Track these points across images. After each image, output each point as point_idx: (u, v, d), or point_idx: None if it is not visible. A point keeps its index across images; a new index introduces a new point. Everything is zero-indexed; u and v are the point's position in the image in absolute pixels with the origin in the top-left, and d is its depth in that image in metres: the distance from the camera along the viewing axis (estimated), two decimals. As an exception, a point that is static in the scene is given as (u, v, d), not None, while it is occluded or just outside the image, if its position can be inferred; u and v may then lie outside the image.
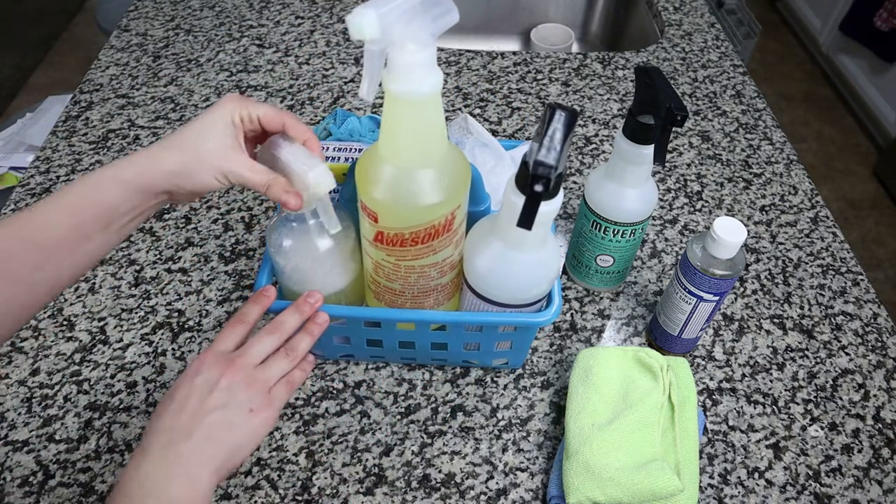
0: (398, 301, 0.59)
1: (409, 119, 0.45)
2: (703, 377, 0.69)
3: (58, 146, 0.91)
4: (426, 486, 0.60)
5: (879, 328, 0.74)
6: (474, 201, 0.60)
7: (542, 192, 0.42)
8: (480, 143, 0.76)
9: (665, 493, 0.54)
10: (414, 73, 0.42)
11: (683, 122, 0.54)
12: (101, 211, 0.45)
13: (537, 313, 0.58)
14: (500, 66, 1.07)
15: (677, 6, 1.24)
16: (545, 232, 0.53)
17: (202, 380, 0.44)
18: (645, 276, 0.78)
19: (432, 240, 0.53)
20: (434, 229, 0.52)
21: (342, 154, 0.64)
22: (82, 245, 0.45)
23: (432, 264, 0.55)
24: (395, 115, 0.46)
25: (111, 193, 0.45)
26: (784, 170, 0.93)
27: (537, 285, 0.55)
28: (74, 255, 0.45)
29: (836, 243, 0.83)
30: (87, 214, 0.44)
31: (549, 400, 0.66)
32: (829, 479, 0.62)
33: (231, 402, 0.43)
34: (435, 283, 0.58)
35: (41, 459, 0.60)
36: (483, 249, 0.54)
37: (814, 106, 2.54)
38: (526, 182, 0.44)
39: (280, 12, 1.16)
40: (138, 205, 0.46)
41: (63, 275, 0.45)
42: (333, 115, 0.76)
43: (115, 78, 1.02)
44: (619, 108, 1.01)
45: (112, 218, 0.45)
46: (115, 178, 0.45)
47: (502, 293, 0.56)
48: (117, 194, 0.45)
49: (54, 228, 0.44)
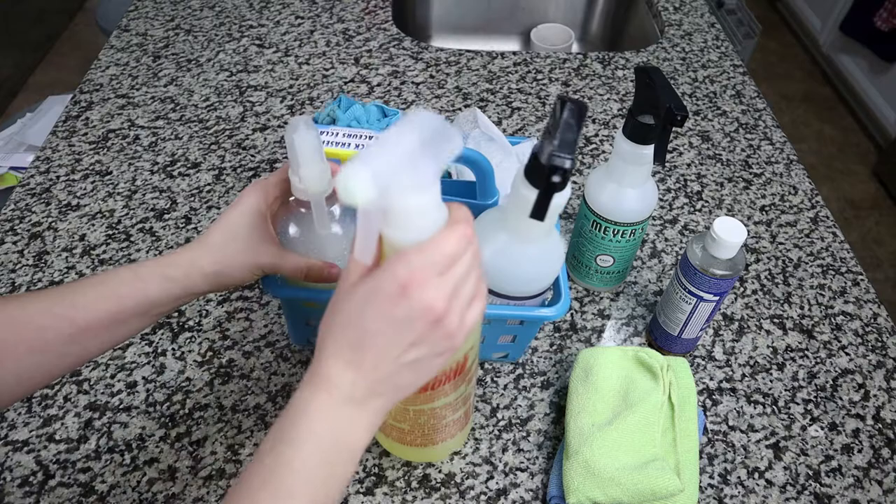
0: (407, 439, 0.54)
1: None
2: (703, 377, 0.69)
3: (58, 146, 0.91)
4: (426, 486, 0.60)
5: (879, 328, 0.74)
6: (484, 195, 0.61)
7: (559, 183, 0.43)
8: (487, 137, 0.76)
9: (665, 493, 0.54)
10: (416, 220, 0.35)
11: (683, 122, 0.54)
12: (142, 302, 0.46)
13: (548, 307, 0.58)
14: (500, 66, 1.07)
15: (677, 6, 1.24)
16: (552, 224, 0.53)
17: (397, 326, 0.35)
18: (645, 276, 0.78)
19: (442, 385, 0.47)
20: (445, 376, 0.46)
21: (352, 140, 0.63)
22: (118, 329, 0.46)
23: (444, 405, 0.50)
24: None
25: (156, 289, 0.46)
26: (784, 170, 0.93)
27: (543, 277, 0.56)
28: (110, 336, 0.46)
29: (836, 243, 0.83)
30: (129, 304, 0.45)
31: (549, 400, 0.66)
32: (829, 479, 0.62)
33: (426, 357, 0.37)
34: (447, 420, 0.52)
35: (41, 459, 0.60)
36: (489, 243, 0.54)
37: (814, 106, 2.54)
38: (539, 175, 0.45)
39: (280, 12, 1.16)
40: (179, 298, 0.47)
41: (93, 349, 0.46)
42: (338, 101, 0.75)
43: (115, 78, 1.02)
44: (619, 108, 1.01)
45: (152, 308, 0.47)
46: (162, 276, 0.46)
47: (508, 286, 0.56)
48: (162, 290, 0.46)
49: (93, 312, 0.45)
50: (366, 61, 1.06)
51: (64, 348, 0.44)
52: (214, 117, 0.96)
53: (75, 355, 0.45)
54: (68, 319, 0.44)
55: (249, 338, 0.70)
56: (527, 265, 0.54)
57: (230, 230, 0.47)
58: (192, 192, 0.85)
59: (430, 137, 0.33)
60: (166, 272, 0.46)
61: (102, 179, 0.86)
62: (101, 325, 0.45)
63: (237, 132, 0.93)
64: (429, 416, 0.50)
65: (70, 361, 0.45)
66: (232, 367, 0.68)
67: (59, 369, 0.45)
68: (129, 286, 0.46)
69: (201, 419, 0.63)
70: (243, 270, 0.48)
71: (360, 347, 0.35)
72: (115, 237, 0.79)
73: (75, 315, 0.44)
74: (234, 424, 0.63)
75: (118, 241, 0.79)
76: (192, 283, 0.47)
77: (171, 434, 0.62)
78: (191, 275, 0.47)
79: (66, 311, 0.44)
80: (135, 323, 0.47)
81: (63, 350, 0.44)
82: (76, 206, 0.83)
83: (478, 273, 0.38)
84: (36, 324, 0.43)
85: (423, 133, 0.33)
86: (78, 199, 0.84)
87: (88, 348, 0.46)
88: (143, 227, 0.81)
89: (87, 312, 0.44)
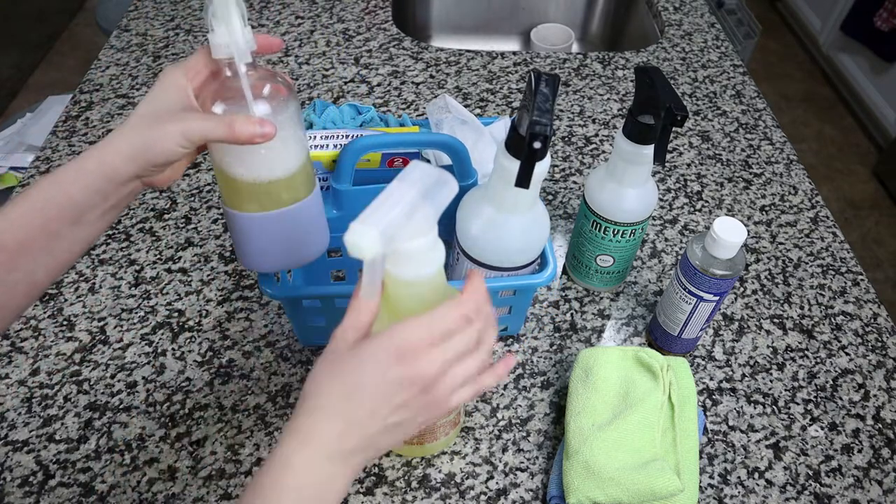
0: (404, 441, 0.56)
1: (418, 293, 0.42)
2: (703, 377, 0.69)
3: (58, 146, 0.91)
4: (426, 486, 0.60)
5: (879, 328, 0.74)
6: (462, 176, 0.64)
7: (540, 148, 0.46)
8: (460, 120, 0.77)
9: (665, 493, 0.54)
10: (418, 259, 0.39)
11: (683, 122, 0.54)
12: (66, 206, 0.42)
13: (536, 274, 0.61)
14: (500, 66, 1.07)
15: (677, 6, 1.24)
16: (535, 194, 0.56)
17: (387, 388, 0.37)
18: (645, 276, 0.78)
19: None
20: None
21: (329, 142, 0.65)
22: (53, 243, 0.43)
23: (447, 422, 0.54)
24: (399, 292, 0.42)
25: (75, 187, 0.42)
26: (784, 170, 0.93)
27: (530, 247, 0.59)
28: (48, 255, 0.43)
29: (836, 243, 0.83)
30: (53, 212, 0.42)
31: (549, 400, 0.66)
32: (829, 479, 0.62)
33: (409, 420, 0.38)
34: (442, 421, 0.56)
35: (41, 459, 0.60)
36: (476, 217, 0.58)
37: (814, 106, 2.54)
38: (520, 145, 0.48)
39: (280, 12, 1.16)
40: (108, 195, 0.44)
41: (39, 275, 0.43)
42: (312, 106, 0.76)
43: (115, 78, 1.02)
44: (619, 108, 1.01)
45: (80, 212, 0.43)
46: (78, 171, 0.43)
47: (498, 256, 0.59)
48: (81, 187, 0.42)
49: (20, 229, 0.42)
50: (366, 61, 1.06)
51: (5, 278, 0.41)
52: (214, 117, 0.96)
53: (23, 283, 0.42)
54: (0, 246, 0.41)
55: (249, 338, 0.70)
56: (515, 235, 0.58)
57: (150, 105, 0.44)
58: (192, 192, 0.85)
59: (429, 188, 0.37)
60: (81, 166, 0.42)
61: (102, 179, 0.86)
62: (34, 244, 0.42)
63: (237, 132, 0.93)
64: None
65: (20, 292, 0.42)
66: (232, 367, 0.68)
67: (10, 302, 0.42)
68: (48, 192, 0.42)
69: (201, 419, 0.63)
70: (169, 141, 0.42)
71: (352, 401, 0.37)
72: (115, 237, 0.79)
73: (4, 238, 0.41)
74: (234, 424, 0.63)
75: (118, 240, 0.79)
76: (109, 170, 0.42)
77: (171, 434, 0.62)
78: (106, 159, 0.42)
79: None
80: (70, 235, 0.43)
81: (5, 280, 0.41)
82: (76, 206, 0.83)
83: (482, 359, 0.39)
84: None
85: (423, 185, 0.37)
86: (78, 199, 0.84)
87: (35, 275, 0.43)
88: (143, 226, 0.81)
89: (14, 232, 0.41)
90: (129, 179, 0.44)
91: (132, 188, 0.45)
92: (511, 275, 0.61)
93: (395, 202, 0.36)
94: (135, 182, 0.44)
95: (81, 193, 0.43)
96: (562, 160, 0.92)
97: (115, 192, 0.44)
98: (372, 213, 0.35)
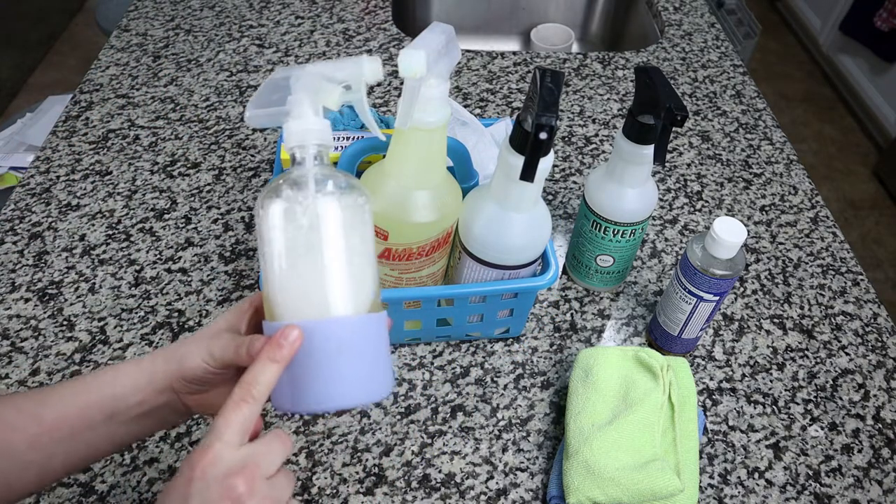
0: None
1: (431, 143, 0.52)
2: (703, 377, 0.69)
3: (58, 146, 0.91)
4: (426, 486, 0.60)
5: (879, 328, 0.74)
6: (463, 178, 0.64)
7: (546, 140, 0.48)
8: (460, 121, 0.77)
9: (665, 493, 0.54)
10: (434, 104, 0.48)
11: (683, 122, 0.54)
12: (106, 396, 0.43)
13: (538, 276, 0.62)
14: (500, 66, 1.07)
15: (677, 6, 1.24)
16: (538, 191, 0.57)
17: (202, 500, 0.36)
18: (645, 276, 0.78)
19: (435, 251, 0.59)
20: (437, 242, 0.58)
21: (335, 143, 0.65)
22: (83, 433, 0.43)
23: (430, 274, 0.60)
24: (419, 142, 0.51)
25: (119, 381, 0.44)
26: (784, 170, 0.93)
27: (533, 245, 0.60)
28: (71, 441, 0.43)
29: (836, 243, 0.83)
30: (94, 398, 0.43)
31: (549, 400, 0.66)
32: (829, 479, 0.62)
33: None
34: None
35: (41, 459, 0.60)
36: (480, 215, 0.58)
37: (814, 106, 2.54)
38: (525, 140, 0.50)
39: (280, 12, 1.16)
40: (144, 397, 0.44)
41: (55, 461, 0.43)
42: None
43: (115, 78, 1.02)
44: (619, 108, 1.01)
45: (115, 405, 0.43)
46: (129, 362, 0.44)
47: (500, 254, 0.59)
48: (126, 382, 0.44)
49: (62, 407, 0.42)
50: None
51: (26, 455, 0.41)
52: (214, 117, 0.96)
53: (37, 466, 0.42)
54: (36, 417, 0.41)
55: (249, 338, 0.70)
56: (518, 233, 0.58)
57: (197, 333, 0.45)
58: (192, 192, 0.85)
59: (448, 40, 0.47)
60: (139, 364, 0.44)
61: (102, 179, 0.86)
62: (67, 424, 0.42)
63: (237, 132, 0.94)
64: (417, 283, 0.62)
65: (32, 474, 0.42)
66: (232, 367, 0.68)
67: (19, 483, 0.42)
68: (92, 380, 0.43)
69: (201, 419, 0.63)
70: (195, 355, 0.43)
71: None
72: (115, 237, 0.79)
73: (43, 412, 0.42)
74: (234, 424, 0.63)
75: (118, 241, 0.79)
76: (150, 370, 0.44)
77: (171, 434, 0.62)
78: (152, 359, 0.44)
79: (35, 408, 0.42)
80: (102, 429, 0.43)
81: (26, 458, 0.41)
82: (76, 206, 0.83)
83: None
84: (4, 420, 0.41)
85: (446, 36, 0.47)
86: (78, 199, 0.84)
87: (51, 460, 0.42)
88: (143, 227, 0.81)
89: (55, 409, 0.42)
90: (164, 388, 0.44)
91: (167, 399, 0.45)
92: (513, 274, 0.61)
93: (430, 41, 0.45)
94: (170, 394, 0.44)
95: (124, 388, 0.43)
96: (562, 160, 0.92)
97: (150, 398, 0.44)
98: (418, 43, 0.44)
